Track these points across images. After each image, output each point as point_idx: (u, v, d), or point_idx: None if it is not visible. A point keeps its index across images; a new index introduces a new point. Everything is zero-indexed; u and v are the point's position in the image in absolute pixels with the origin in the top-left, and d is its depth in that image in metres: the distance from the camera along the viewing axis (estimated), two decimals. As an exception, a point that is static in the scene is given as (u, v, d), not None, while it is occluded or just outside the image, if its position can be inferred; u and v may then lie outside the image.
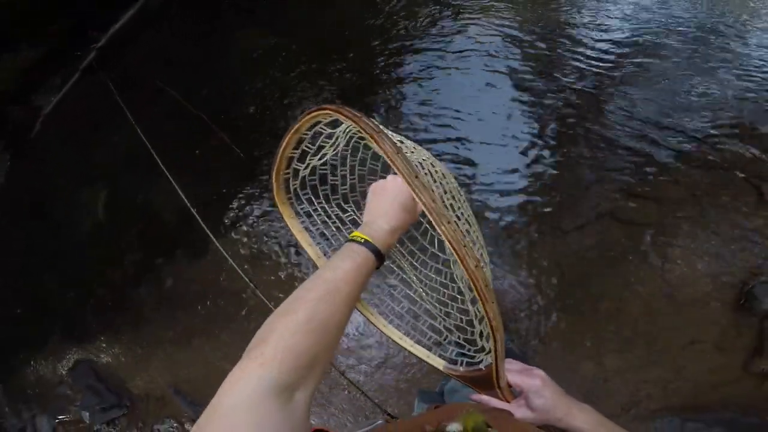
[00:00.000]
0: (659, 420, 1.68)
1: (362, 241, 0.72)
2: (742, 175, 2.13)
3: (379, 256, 0.73)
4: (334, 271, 0.66)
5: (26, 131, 3.90)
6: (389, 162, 0.58)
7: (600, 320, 1.96)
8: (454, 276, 0.83)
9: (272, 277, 2.50)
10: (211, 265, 2.68)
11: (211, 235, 2.49)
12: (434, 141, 2.62)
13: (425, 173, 0.67)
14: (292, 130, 0.77)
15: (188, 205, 2.56)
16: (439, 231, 0.54)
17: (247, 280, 2.39)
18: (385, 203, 0.78)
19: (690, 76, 2.49)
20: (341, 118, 0.65)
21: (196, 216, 2.50)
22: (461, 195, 0.78)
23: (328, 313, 0.60)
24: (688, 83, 2.47)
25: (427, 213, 0.55)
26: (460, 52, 2.94)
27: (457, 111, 2.69)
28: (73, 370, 2.69)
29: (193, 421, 2.35)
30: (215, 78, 3.52)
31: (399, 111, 2.84)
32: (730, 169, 2.16)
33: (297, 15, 3.68)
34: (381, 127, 0.62)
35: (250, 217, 2.76)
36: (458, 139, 2.58)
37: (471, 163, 2.48)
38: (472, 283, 0.56)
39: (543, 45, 2.82)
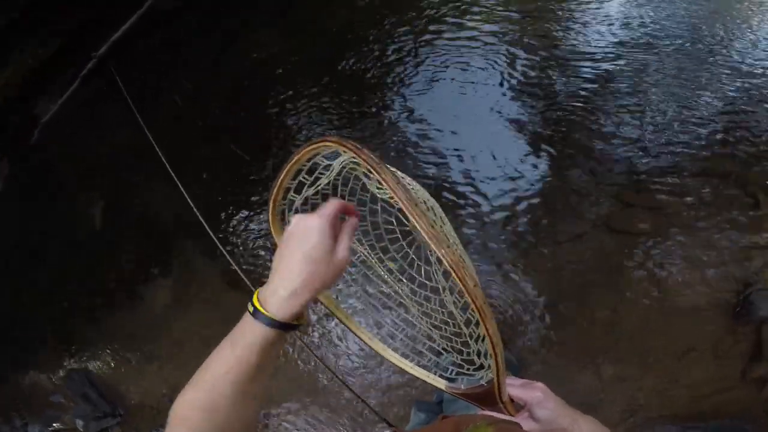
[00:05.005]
0: (658, 428, 1.67)
1: (251, 311, 0.60)
2: (738, 184, 2.15)
3: (275, 326, 0.58)
4: (209, 357, 0.64)
5: (25, 138, 3.91)
6: (391, 191, 0.60)
7: (596, 330, 1.96)
8: (444, 301, 0.86)
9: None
10: (211, 270, 2.66)
11: (214, 237, 2.42)
12: (424, 156, 2.63)
13: (422, 202, 0.69)
14: (292, 161, 0.75)
15: (193, 207, 2.49)
16: (439, 254, 0.58)
17: (249, 283, 2.33)
18: (286, 257, 0.61)
19: (687, 87, 2.53)
20: (343, 150, 0.66)
21: (200, 219, 2.43)
22: (448, 224, 0.81)
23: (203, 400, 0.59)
24: (685, 94, 2.50)
25: (426, 239, 0.58)
26: (455, 62, 2.97)
27: (449, 119, 2.71)
28: (67, 378, 2.65)
29: None
30: (219, 84, 3.55)
31: (395, 124, 2.86)
32: (726, 178, 2.18)
33: (305, 16, 3.72)
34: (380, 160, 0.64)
35: (253, 224, 2.75)
36: (452, 151, 2.60)
37: (466, 174, 2.49)
38: (471, 301, 0.59)
39: (540, 54, 2.86)
